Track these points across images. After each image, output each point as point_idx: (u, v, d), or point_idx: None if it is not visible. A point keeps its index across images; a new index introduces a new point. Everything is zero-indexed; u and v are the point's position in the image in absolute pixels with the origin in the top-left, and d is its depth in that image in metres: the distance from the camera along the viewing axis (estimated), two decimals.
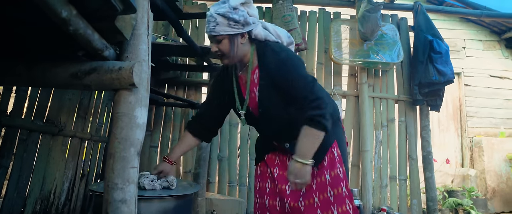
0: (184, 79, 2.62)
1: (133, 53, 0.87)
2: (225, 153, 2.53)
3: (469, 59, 4.58)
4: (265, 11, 2.71)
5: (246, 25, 1.18)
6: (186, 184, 1.68)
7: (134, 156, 0.85)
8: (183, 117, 2.58)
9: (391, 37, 2.55)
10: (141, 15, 0.89)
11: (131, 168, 0.83)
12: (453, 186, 4.20)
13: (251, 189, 2.48)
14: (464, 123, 4.55)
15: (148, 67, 0.92)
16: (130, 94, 0.85)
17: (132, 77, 0.82)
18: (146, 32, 0.91)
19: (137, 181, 0.86)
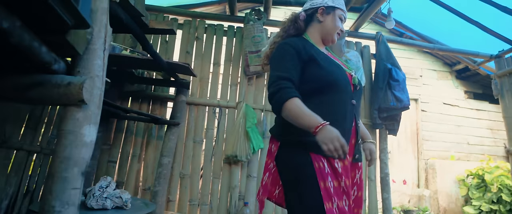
0: (150, 93, 2.56)
1: (86, 68, 0.84)
2: (187, 170, 2.47)
3: (425, 86, 4.93)
4: (236, 30, 2.75)
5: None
6: (140, 203, 1.61)
7: (78, 176, 0.80)
8: (146, 132, 2.50)
9: (354, 63, 2.68)
10: (98, 29, 0.86)
11: (72, 189, 0.78)
12: (409, 205, 4.40)
13: (213, 208, 2.42)
14: (420, 145, 4.84)
15: (102, 84, 0.89)
16: (79, 111, 0.81)
17: (81, 94, 0.78)
18: (103, 47, 0.88)
19: (79, 202, 0.80)
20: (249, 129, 2.42)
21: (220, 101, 2.58)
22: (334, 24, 1.32)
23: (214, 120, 2.57)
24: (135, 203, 1.58)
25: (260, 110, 2.59)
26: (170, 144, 2.25)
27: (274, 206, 2.49)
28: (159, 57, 1.81)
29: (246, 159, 2.41)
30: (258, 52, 2.49)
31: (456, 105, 4.89)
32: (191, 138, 2.52)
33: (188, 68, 2.03)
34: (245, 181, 2.49)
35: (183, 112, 2.37)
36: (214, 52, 2.70)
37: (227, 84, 2.65)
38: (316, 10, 1.34)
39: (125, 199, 1.44)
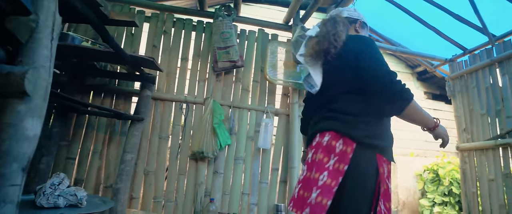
0: (113, 87, 2.46)
1: (30, 58, 0.79)
2: (152, 167, 2.41)
3: None
4: (205, 25, 2.72)
5: (355, 15, 1.50)
6: (98, 200, 1.55)
7: (18, 172, 0.75)
8: (108, 128, 2.40)
9: None
10: (45, 17, 0.82)
11: (10, 186, 0.73)
12: None
13: (178, 205, 2.39)
14: None
15: (49, 75, 0.85)
16: (21, 103, 0.76)
17: (23, 85, 0.74)
18: (50, 36, 0.84)
19: (18, 200, 0.76)
20: (216, 125, 2.41)
21: (187, 97, 2.54)
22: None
23: (180, 116, 2.53)
24: (92, 201, 1.52)
25: (228, 106, 2.59)
26: (133, 140, 2.18)
27: (240, 201, 2.51)
28: (121, 50, 1.74)
29: (212, 155, 2.40)
30: (227, 49, 2.49)
31: None
32: (156, 134, 2.46)
33: (153, 63, 1.98)
34: (211, 178, 2.48)
35: (148, 107, 2.30)
36: (182, 47, 2.65)
37: (195, 80, 2.62)
38: (355, 21, 1.44)
39: (80, 197, 1.39)
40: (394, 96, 1.12)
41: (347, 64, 1.24)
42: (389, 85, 1.12)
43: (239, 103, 2.62)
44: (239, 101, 2.63)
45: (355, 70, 1.21)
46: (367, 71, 1.18)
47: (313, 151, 1.22)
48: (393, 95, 1.12)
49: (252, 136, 2.61)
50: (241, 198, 2.52)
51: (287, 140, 2.65)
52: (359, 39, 1.29)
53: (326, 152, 1.16)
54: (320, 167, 1.15)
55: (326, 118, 1.25)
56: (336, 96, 1.26)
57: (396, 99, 1.13)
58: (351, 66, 1.22)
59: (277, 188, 2.62)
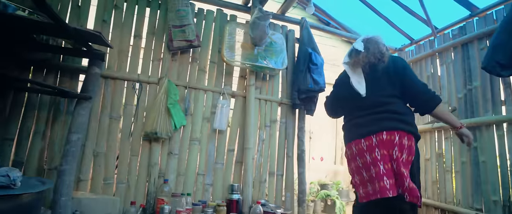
0: (57, 63, 2.29)
1: None
2: (102, 148, 2.32)
3: None
4: (161, 2, 2.61)
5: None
6: (35, 181, 1.47)
7: None
8: (52, 107, 2.25)
9: (279, 45, 2.80)
10: None
11: None
12: (326, 180, 4.89)
13: (130, 186, 2.35)
14: (339, 127, 5.36)
15: None
16: None
17: None
18: None
19: None
20: (170, 106, 2.37)
21: (141, 76, 2.45)
22: None
23: (133, 96, 2.44)
24: (29, 181, 1.44)
25: (184, 87, 2.55)
26: (80, 119, 2.07)
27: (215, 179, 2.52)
28: (62, 21, 1.61)
29: (166, 136, 2.37)
30: (183, 27, 2.42)
31: None
32: (107, 113, 2.36)
33: (101, 37, 1.86)
34: (165, 159, 2.46)
35: (96, 86, 2.18)
36: (135, 24, 2.53)
37: (149, 59, 2.52)
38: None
39: (14, 177, 1.30)
40: (433, 97, 1.72)
41: (395, 76, 1.70)
42: (428, 91, 1.74)
43: (195, 84, 2.59)
44: (195, 82, 2.60)
45: (402, 81, 1.70)
46: (417, 82, 1.73)
47: (384, 145, 1.60)
48: (432, 97, 1.72)
49: (208, 117, 2.61)
50: (196, 179, 2.53)
51: (243, 121, 2.69)
52: (400, 59, 1.82)
53: (400, 149, 1.59)
54: (400, 161, 1.57)
55: (386, 118, 1.64)
56: (386, 99, 1.69)
57: (434, 99, 1.72)
58: (398, 78, 1.70)
59: (232, 169, 2.67)
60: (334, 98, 2.05)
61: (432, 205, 3.00)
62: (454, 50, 2.97)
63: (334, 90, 2.06)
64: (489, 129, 2.56)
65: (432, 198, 3.04)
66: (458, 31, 2.94)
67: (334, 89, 2.06)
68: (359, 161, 1.69)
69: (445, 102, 3.01)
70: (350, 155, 1.77)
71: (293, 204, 2.90)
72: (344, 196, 4.63)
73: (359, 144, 1.68)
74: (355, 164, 1.72)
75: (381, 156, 1.58)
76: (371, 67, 1.72)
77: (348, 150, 1.79)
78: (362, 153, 1.66)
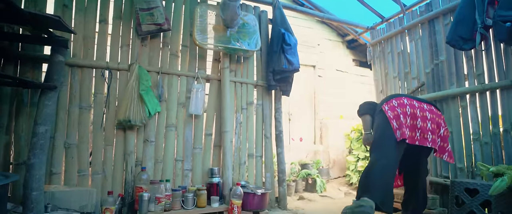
0: (16, 52, 2.15)
1: None
2: (73, 139, 2.24)
3: (321, 54, 5.48)
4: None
5: None
6: None
7: None
8: (15, 99, 2.13)
9: (252, 26, 2.77)
10: None
11: None
12: (306, 160, 5.01)
13: (107, 176, 2.30)
14: (317, 107, 5.46)
15: None
16: None
17: None
18: None
19: None
20: (143, 92, 2.31)
21: (110, 63, 2.36)
22: None
23: (103, 84, 2.35)
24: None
25: (156, 73, 2.48)
26: (46, 110, 1.97)
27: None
28: (15, 5, 1.51)
29: (141, 123, 2.32)
30: (150, 10, 2.33)
31: (346, 72, 5.62)
32: (76, 104, 2.27)
33: (60, 22, 1.76)
34: (141, 146, 2.41)
35: (61, 74, 2.07)
36: (99, 8, 2.40)
37: (117, 45, 2.42)
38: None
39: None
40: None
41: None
42: None
43: (168, 69, 2.53)
44: (168, 67, 2.54)
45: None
46: None
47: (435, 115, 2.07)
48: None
49: (183, 102, 2.57)
50: (174, 165, 2.52)
51: (219, 105, 2.67)
52: None
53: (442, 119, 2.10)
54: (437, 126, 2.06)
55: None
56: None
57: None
58: None
59: (211, 153, 2.67)
60: None
61: None
62: (422, 26, 3.06)
63: None
64: (454, 101, 2.69)
65: None
66: (425, 7, 3.02)
67: None
68: (409, 110, 2.00)
69: (414, 77, 3.12)
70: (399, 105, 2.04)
71: (274, 184, 2.96)
72: (324, 174, 4.78)
73: (411, 100, 2.06)
74: (403, 110, 2.00)
75: (430, 118, 2.02)
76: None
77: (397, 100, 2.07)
78: (414, 107, 2.02)
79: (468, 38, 2.33)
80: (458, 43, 2.39)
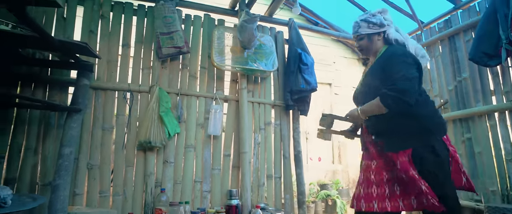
0: (45, 76, 2.25)
1: None
2: (96, 160, 2.28)
3: (337, 72, 5.46)
4: (147, 10, 2.60)
5: (381, 27, 1.59)
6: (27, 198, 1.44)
7: None
8: (43, 121, 2.21)
9: (268, 47, 2.81)
10: None
11: None
12: (325, 180, 4.89)
13: (127, 198, 2.31)
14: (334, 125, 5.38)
15: None
16: None
17: None
18: None
19: None
20: (163, 114, 2.35)
21: (131, 86, 2.43)
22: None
23: (124, 106, 2.42)
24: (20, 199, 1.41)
25: (175, 94, 2.53)
26: (71, 132, 2.04)
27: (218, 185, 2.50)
28: (46, 33, 1.59)
29: (161, 144, 2.35)
30: (171, 34, 2.41)
31: None
32: (99, 125, 2.33)
33: (87, 48, 1.85)
34: (161, 167, 2.43)
35: (86, 97, 2.16)
36: (123, 33, 2.51)
37: (138, 68, 2.50)
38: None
39: (3, 196, 1.27)
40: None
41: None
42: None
43: (187, 90, 2.58)
44: (186, 89, 2.59)
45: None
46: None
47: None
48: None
49: (202, 123, 2.59)
50: (193, 186, 2.51)
51: (237, 125, 2.68)
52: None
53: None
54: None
55: None
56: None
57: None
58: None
59: (230, 174, 2.65)
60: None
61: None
62: (441, 43, 3.00)
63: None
64: (481, 119, 2.58)
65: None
66: (444, 24, 2.98)
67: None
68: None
69: (436, 95, 3.04)
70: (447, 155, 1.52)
71: (293, 206, 2.89)
72: (344, 195, 4.63)
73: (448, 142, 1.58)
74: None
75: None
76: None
77: (443, 144, 1.51)
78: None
79: (493, 54, 2.26)
80: (482, 59, 2.33)
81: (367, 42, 1.65)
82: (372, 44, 1.64)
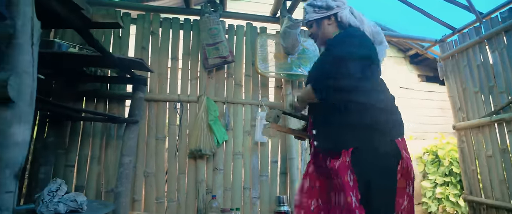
0: (106, 91, 2.46)
1: (10, 64, 0.79)
2: (152, 168, 2.42)
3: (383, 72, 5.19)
4: (193, 23, 2.71)
5: (329, 10, 1.38)
6: (98, 204, 1.56)
7: (10, 179, 0.75)
8: (104, 133, 2.40)
9: (311, 51, 2.76)
10: (22, 23, 0.81)
11: (5, 193, 0.74)
12: None
13: (180, 204, 2.41)
14: None
15: (33, 80, 0.84)
16: (6, 110, 0.76)
17: (6, 91, 0.74)
18: (30, 41, 0.84)
19: (13, 206, 0.76)
20: (211, 122, 2.42)
21: (181, 96, 2.54)
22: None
23: (175, 116, 2.53)
24: (92, 205, 1.53)
25: (222, 103, 2.59)
26: (130, 142, 2.18)
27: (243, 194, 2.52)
28: (108, 53, 1.73)
29: (210, 152, 2.41)
30: (216, 45, 2.48)
31: (411, 89, 5.21)
32: (153, 135, 2.46)
33: (142, 63, 1.98)
34: (211, 174, 2.49)
35: (142, 109, 2.30)
36: (171, 47, 2.64)
37: (186, 79, 2.61)
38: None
39: (80, 202, 1.39)
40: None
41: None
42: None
43: (233, 98, 2.63)
44: (232, 97, 2.64)
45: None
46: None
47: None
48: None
49: (248, 130, 2.62)
50: (242, 193, 2.53)
51: None
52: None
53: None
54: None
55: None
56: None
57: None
58: None
59: (277, 180, 2.64)
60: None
61: (503, 207, 2.70)
62: (506, 34, 2.71)
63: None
64: None
65: (501, 199, 2.73)
66: (508, 13, 2.69)
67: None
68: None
69: (502, 92, 2.74)
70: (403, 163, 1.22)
71: None
72: None
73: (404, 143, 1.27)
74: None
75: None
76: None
77: (395, 148, 1.21)
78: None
79: None
80: None
81: (316, 28, 1.42)
82: (321, 30, 1.41)
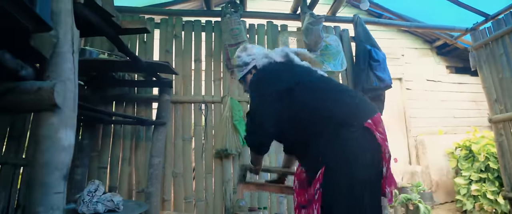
0: (133, 95, 2.54)
1: (55, 72, 0.84)
2: (179, 168, 2.47)
3: (408, 65, 5.02)
4: (214, 24, 2.74)
5: (247, 65, 1.54)
6: (133, 204, 1.62)
7: (60, 180, 0.80)
8: (134, 135, 2.48)
9: (334, 47, 2.72)
10: (64, 32, 0.86)
11: (55, 194, 0.78)
12: (403, 182, 4.50)
13: (208, 203, 2.45)
14: (408, 123, 4.94)
15: (75, 86, 0.89)
16: (53, 116, 0.81)
17: (53, 98, 0.78)
18: (71, 49, 0.88)
19: (63, 207, 0.81)
20: (236, 122, 2.44)
21: (205, 97, 2.58)
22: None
23: (200, 116, 2.57)
24: (128, 205, 1.59)
25: (246, 102, 2.61)
26: (158, 144, 2.25)
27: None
28: (136, 57, 1.79)
29: (236, 152, 2.43)
30: (238, 45, 2.49)
31: (439, 81, 5.00)
32: (179, 136, 2.52)
33: (168, 67, 2.03)
34: (238, 174, 2.51)
35: (168, 111, 2.36)
36: (194, 49, 2.69)
37: (210, 80, 2.65)
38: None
39: (117, 202, 1.45)
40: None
41: None
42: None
43: None
44: None
45: None
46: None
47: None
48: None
49: None
50: (269, 192, 2.53)
51: None
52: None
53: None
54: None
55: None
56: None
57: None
58: None
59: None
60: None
61: None
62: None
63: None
64: None
65: None
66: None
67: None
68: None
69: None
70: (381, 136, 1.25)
71: None
72: (427, 199, 4.19)
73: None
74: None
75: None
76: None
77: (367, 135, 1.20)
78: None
79: None
80: None
81: (245, 84, 1.58)
82: (248, 83, 1.54)
